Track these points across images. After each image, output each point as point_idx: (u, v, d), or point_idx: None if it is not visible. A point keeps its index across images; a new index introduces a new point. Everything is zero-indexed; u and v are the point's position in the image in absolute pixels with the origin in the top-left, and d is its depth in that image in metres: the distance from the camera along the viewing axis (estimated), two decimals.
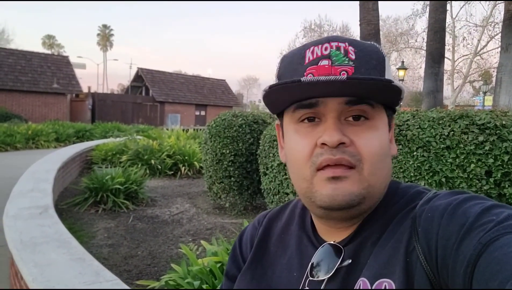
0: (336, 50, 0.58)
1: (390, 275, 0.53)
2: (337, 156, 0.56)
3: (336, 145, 0.56)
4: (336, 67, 0.57)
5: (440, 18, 7.50)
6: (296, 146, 0.60)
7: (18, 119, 19.87)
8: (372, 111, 0.58)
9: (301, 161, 0.59)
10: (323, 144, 0.57)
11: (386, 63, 0.61)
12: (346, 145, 0.56)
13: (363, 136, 0.57)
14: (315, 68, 0.58)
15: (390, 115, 0.64)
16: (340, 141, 0.56)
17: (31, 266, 2.13)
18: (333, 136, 0.56)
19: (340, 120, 0.58)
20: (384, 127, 0.61)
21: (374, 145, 0.58)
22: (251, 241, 0.76)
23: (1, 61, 24.37)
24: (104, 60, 66.47)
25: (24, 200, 3.78)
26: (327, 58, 0.58)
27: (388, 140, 0.62)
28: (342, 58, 0.58)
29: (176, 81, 34.45)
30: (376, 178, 0.58)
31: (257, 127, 5.31)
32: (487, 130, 2.56)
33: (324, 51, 0.59)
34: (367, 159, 0.57)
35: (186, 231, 4.59)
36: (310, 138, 0.59)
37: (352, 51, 0.58)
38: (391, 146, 0.65)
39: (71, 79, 27.25)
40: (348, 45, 0.59)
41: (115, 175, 5.85)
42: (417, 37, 27.19)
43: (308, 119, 0.59)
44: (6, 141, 13.43)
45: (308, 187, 0.59)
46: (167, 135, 11.06)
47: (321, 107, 0.58)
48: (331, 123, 0.57)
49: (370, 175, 0.57)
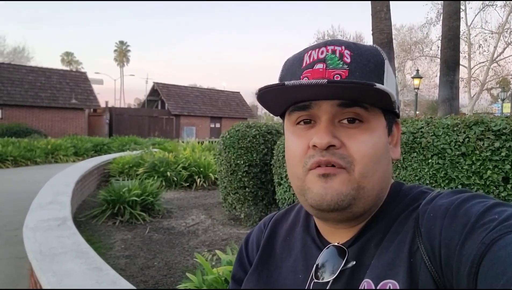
0: (332, 53, 0.59)
1: (394, 276, 0.53)
2: (326, 157, 0.57)
3: (325, 147, 0.57)
4: (330, 70, 0.58)
5: (454, 25, 7.44)
6: (291, 146, 0.62)
7: (38, 134, 20.27)
8: (366, 114, 0.58)
9: (295, 160, 0.61)
10: (314, 146, 0.58)
11: (385, 66, 0.61)
12: (336, 147, 0.57)
13: (356, 138, 0.58)
14: (310, 71, 0.59)
15: (391, 119, 0.64)
16: (330, 143, 0.57)
17: (49, 275, 2.18)
18: (323, 139, 0.56)
19: (334, 123, 0.59)
20: (380, 130, 0.60)
21: (366, 147, 0.58)
22: (257, 244, 0.76)
23: (22, 78, 25.04)
24: (121, 76, 67.83)
25: (43, 212, 3.86)
26: (322, 62, 0.59)
27: (387, 143, 0.62)
28: (336, 62, 0.58)
29: (191, 94, 34.82)
30: (368, 180, 0.58)
31: (271, 137, 5.33)
32: (503, 136, 2.52)
33: (320, 55, 0.60)
34: (358, 161, 0.57)
35: (202, 242, 4.60)
36: (303, 139, 0.60)
37: (347, 54, 0.59)
38: (394, 149, 0.65)
39: (89, 94, 27.78)
40: (345, 48, 0.60)
41: (132, 187, 5.92)
42: (432, 45, 27.02)
43: (305, 122, 0.61)
44: (26, 156, 13.70)
45: (302, 185, 0.60)
46: (183, 147, 11.15)
47: (315, 110, 0.59)
48: (323, 126, 0.58)
49: (360, 177, 0.57)
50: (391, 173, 0.64)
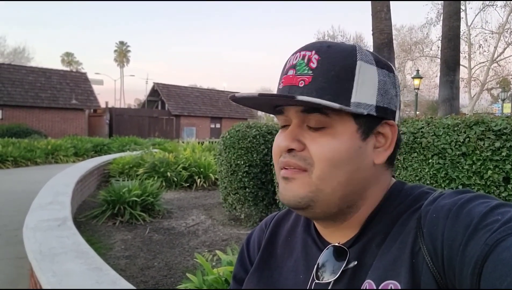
0: (302, 59, 0.60)
1: (396, 276, 0.53)
2: (286, 159, 0.60)
3: (285, 150, 0.60)
4: (297, 77, 0.59)
5: (454, 25, 7.44)
6: (273, 148, 0.65)
7: (38, 134, 20.29)
8: (328, 120, 0.58)
9: (274, 160, 0.65)
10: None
11: (357, 69, 0.58)
12: (297, 150, 0.59)
13: (316, 141, 0.59)
14: (285, 77, 0.61)
15: (369, 123, 0.60)
16: (288, 147, 0.60)
17: (49, 275, 2.17)
18: (282, 142, 0.61)
19: (302, 127, 0.61)
20: (346, 135, 0.59)
21: (326, 151, 0.58)
22: (258, 244, 0.76)
23: (22, 78, 25.06)
24: (121, 76, 67.89)
25: (43, 213, 3.86)
26: (293, 68, 0.60)
27: (358, 148, 0.59)
28: (303, 68, 0.59)
29: (192, 94, 34.83)
30: (326, 183, 0.58)
31: (271, 137, 5.32)
32: (504, 136, 2.52)
33: (294, 61, 0.61)
34: (317, 164, 0.58)
35: (202, 242, 4.60)
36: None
37: (315, 59, 0.58)
38: (378, 152, 0.62)
39: (89, 95, 27.81)
40: (315, 53, 0.59)
41: (132, 187, 5.92)
42: (432, 45, 27.02)
43: (285, 125, 0.64)
44: (26, 156, 13.71)
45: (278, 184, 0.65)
46: (183, 147, 11.16)
47: (288, 114, 0.62)
48: (288, 130, 0.61)
49: (318, 180, 0.58)
50: (372, 177, 0.62)
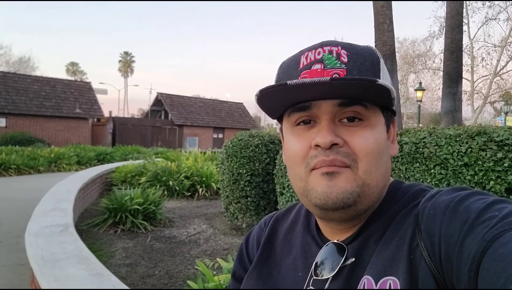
0: (329, 54, 0.60)
1: (394, 272, 0.53)
2: (331, 157, 0.57)
3: (329, 146, 0.57)
4: (328, 70, 0.58)
5: (456, 38, 7.48)
6: (292, 147, 0.62)
7: (41, 143, 20.33)
8: (366, 112, 0.59)
9: (296, 161, 0.61)
10: (317, 145, 0.58)
11: (381, 65, 0.62)
12: (339, 146, 0.57)
13: (358, 135, 0.58)
14: (308, 72, 0.60)
15: (388, 116, 0.64)
16: (333, 142, 0.57)
17: (51, 280, 2.18)
18: (326, 138, 0.57)
19: (335, 122, 0.59)
20: (380, 127, 0.61)
21: (369, 143, 0.58)
22: (257, 242, 0.77)
23: (27, 87, 25.22)
24: (125, 86, 68.31)
25: (46, 219, 3.87)
26: (320, 62, 0.59)
27: (386, 140, 0.63)
28: (334, 62, 0.59)
29: (195, 104, 34.96)
30: (372, 176, 0.58)
31: (274, 147, 5.33)
32: (506, 147, 2.52)
33: (317, 56, 0.60)
34: (362, 157, 0.58)
35: (203, 251, 4.59)
36: (304, 139, 0.60)
37: (344, 54, 0.60)
38: (392, 146, 0.66)
39: (93, 104, 27.94)
40: (341, 48, 0.60)
41: (134, 196, 5.91)
42: (434, 58, 27.05)
43: (304, 122, 0.61)
44: (29, 165, 13.72)
45: (304, 186, 0.60)
46: (185, 157, 11.16)
47: (314, 110, 0.59)
48: (324, 125, 0.58)
49: (365, 174, 0.58)
50: (390, 170, 0.65)
